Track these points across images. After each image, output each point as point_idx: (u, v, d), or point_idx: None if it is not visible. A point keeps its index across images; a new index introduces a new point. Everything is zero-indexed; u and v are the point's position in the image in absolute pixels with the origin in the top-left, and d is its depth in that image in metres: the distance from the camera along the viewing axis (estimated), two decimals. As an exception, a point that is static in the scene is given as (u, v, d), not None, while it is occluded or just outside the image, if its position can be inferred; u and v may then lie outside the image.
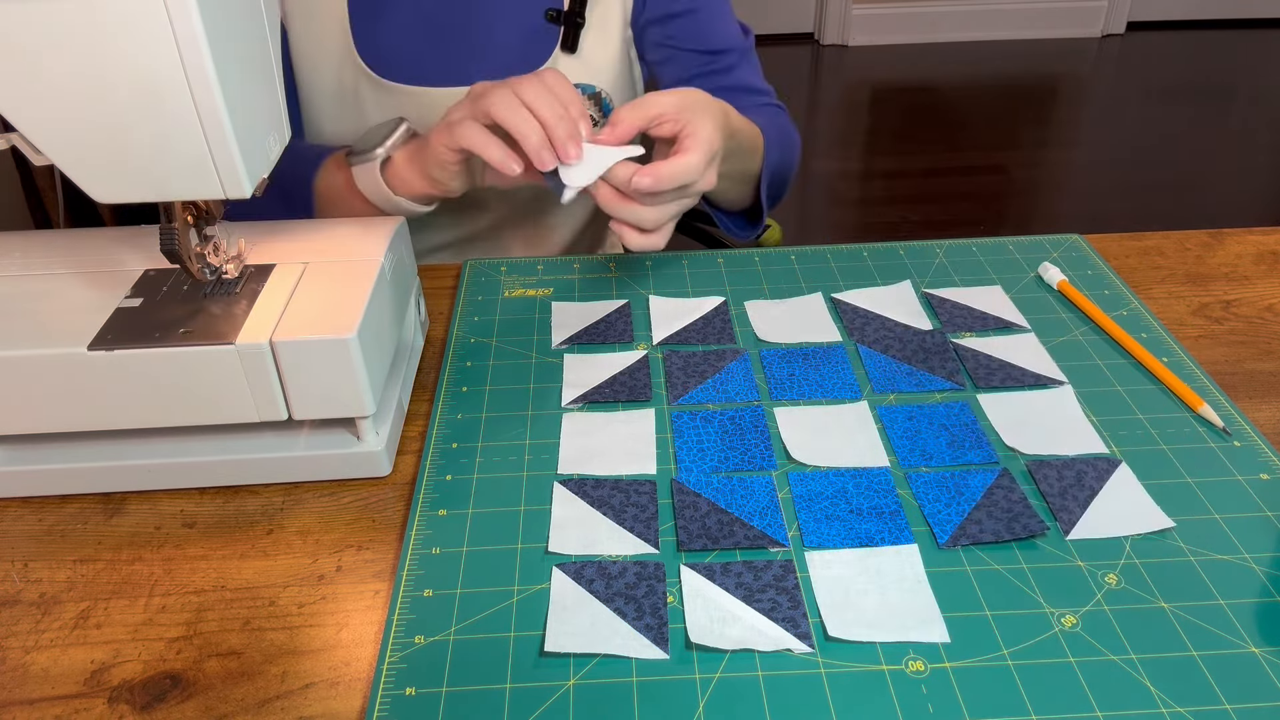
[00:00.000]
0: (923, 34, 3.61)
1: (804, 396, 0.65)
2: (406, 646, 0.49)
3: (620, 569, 0.53)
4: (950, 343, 0.70)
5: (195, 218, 0.58)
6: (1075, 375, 0.66)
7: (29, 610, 0.53)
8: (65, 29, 0.46)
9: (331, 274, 0.61)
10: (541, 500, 0.58)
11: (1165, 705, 0.45)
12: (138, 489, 0.60)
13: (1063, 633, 0.49)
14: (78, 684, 0.48)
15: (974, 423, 0.62)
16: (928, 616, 0.50)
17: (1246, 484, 0.57)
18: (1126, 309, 0.73)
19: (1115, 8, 3.60)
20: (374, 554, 0.55)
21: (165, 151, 0.50)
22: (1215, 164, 2.73)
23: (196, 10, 0.45)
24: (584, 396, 0.66)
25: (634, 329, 0.73)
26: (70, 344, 0.54)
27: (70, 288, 0.60)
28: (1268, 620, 0.49)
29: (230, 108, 0.49)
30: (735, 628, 0.49)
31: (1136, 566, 0.52)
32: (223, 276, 0.60)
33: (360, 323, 0.55)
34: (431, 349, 0.73)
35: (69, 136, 0.49)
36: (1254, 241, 0.83)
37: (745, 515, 0.56)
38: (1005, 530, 0.54)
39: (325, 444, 0.60)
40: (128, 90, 0.48)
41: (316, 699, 0.47)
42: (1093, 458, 0.59)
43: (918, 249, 0.82)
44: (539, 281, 0.79)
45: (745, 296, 0.76)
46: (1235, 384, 0.66)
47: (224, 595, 0.53)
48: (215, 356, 0.54)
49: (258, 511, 0.59)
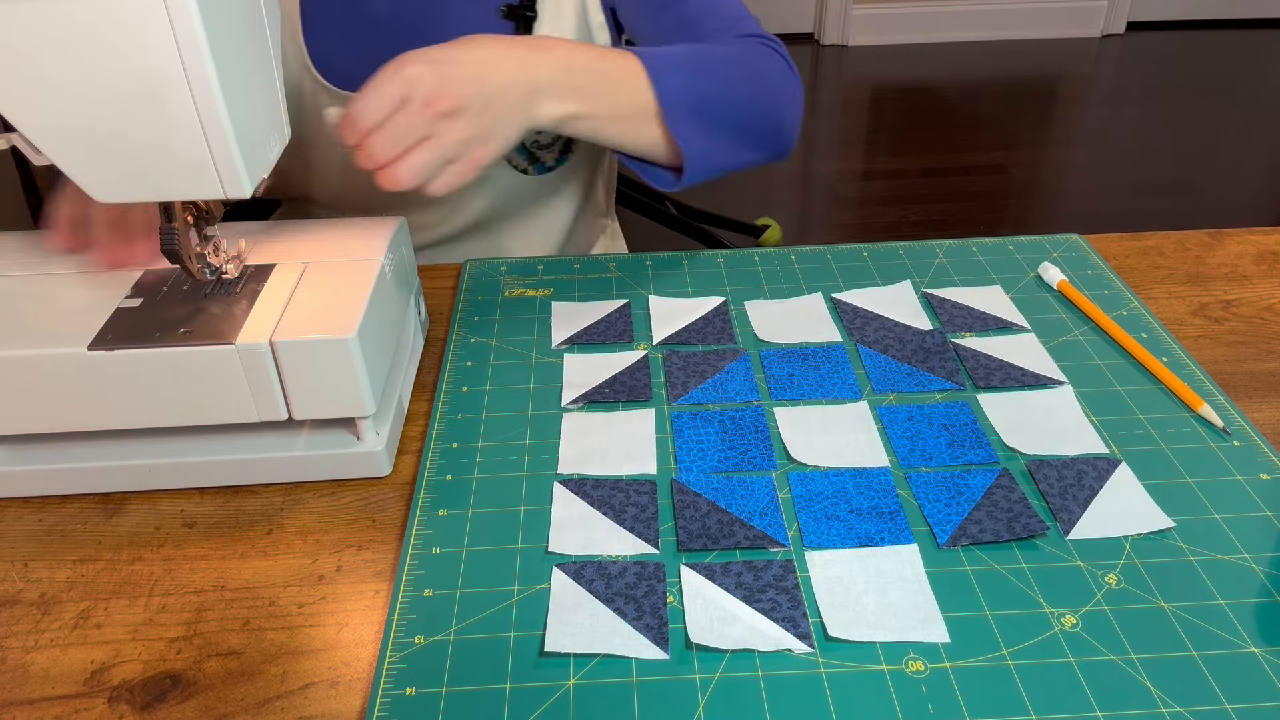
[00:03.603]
0: (923, 34, 3.61)
1: (804, 396, 0.65)
2: (406, 646, 0.49)
3: (620, 569, 0.53)
4: (950, 343, 0.70)
5: (195, 218, 0.58)
6: (1075, 375, 0.67)
7: (29, 610, 0.53)
8: (65, 29, 0.46)
9: (331, 274, 0.61)
10: (541, 500, 0.58)
11: (1165, 705, 0.45)
12: (138, 489, 0.60)
13: (1063, 633, 0.49)
14: (78, 684, 0.48)
15: (974, 423, 0.62)
16: (928, 616, 0.50)
17: (1246, 484, 0.57)
18: (1126, 309, 0.73)
19: (1115, 8, 3.60)
20: (374, 554, 0.55)
21: (165, 151, 0.50)
22: (1215, 164, 2.73)
23: (196, 10, 0.45)
24: (584, 396, 0.66)
25: (634, 329, 0.73)
26: (70, 344, 0.54)
27: (70, 288, 0.60)
28: (1268, 620, 0.49)
29: (230, 108, 0.49)
30: (735, 628, 0.49)
31: (1136, 566, 0.52)
32: (223, 276, 0.60)
33: (360, 323, 0.55)
34: (431, 349, 0.73)
35: (69, 136, 0.49)
36: (1254, 241, 0.83)
37: (745, 515, 0.56)
38: (1005, 530, 0.54)
39: (325, 444, 0.60)
40: (128, 90, 0.48)
41: (316, 699, 0.47)
42: (1093, 458, 0.59)
43: (918, 249, 0.82)
44: (539, 281, 0.79)
45: (745, 296, 0.76)
46: (1235, 384, 0.66)
47: (224, 595, 0.53)
48: (215, 356, 0.54)
49: (258, 511, 0.59)
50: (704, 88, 0.74)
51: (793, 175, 2.75)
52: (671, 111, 0.72)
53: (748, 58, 0.78)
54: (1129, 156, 2.78)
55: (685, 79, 0.73)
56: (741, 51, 0.79)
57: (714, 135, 0.75)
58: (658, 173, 0.77)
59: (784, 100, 0.80)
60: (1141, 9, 3.63)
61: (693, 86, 0.73)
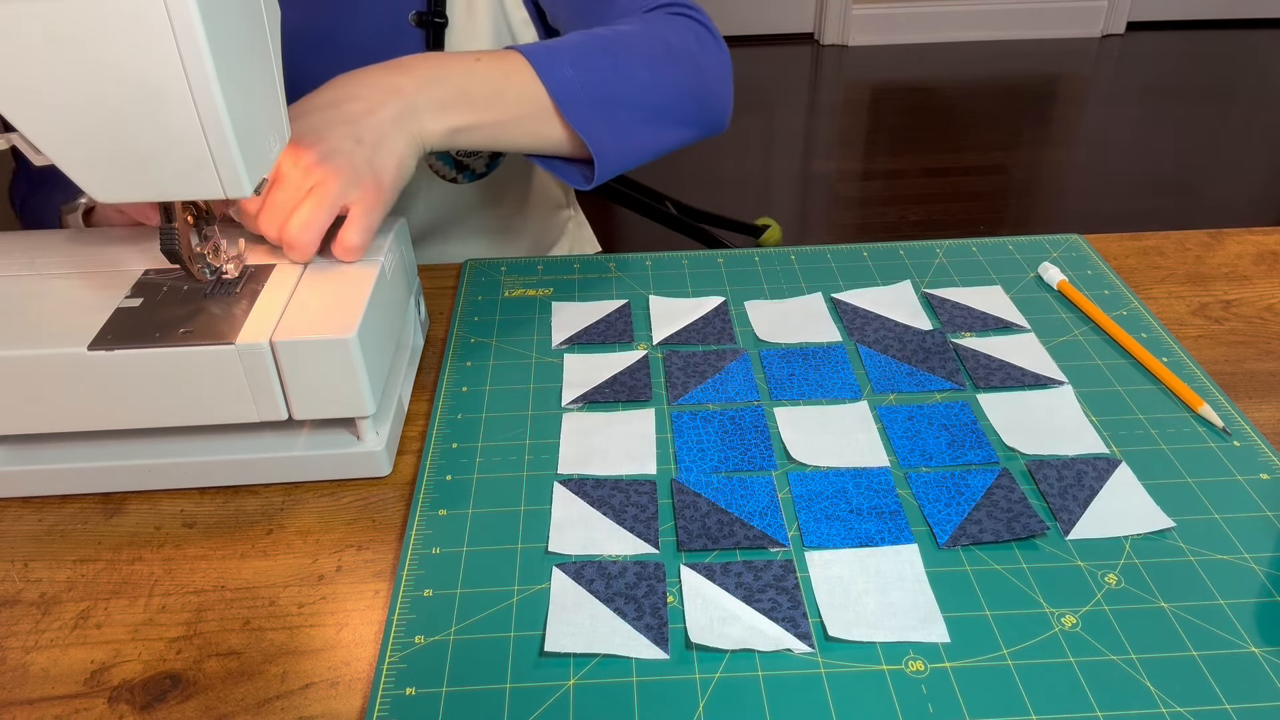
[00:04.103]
0: (923, 34, 3.61)
1: (804, 396, 0.65)
2: (406, 646, 0.49)
3: (620, 569, 0.53)
4: (950, 343, 0.70)
5: (195, 218, 0.58)
6: (1075, 375, 0.67)
7: (29, 610, 0.53)
8: (65, 29, 0.46)
9: (331, 274, 0.61)
10: (541, 500, 0.58)
11: (1165, 705, 0.45)
12: (138, 489, 0.60)
13: (1063, 633, 0.49)
14: (78, 684, 0.48)
15: (974, 423, 0.62)
16: (928, 616, 0.50)
17: (1246, 484, 0.57)
18: (1126, 309, 0.73)
19: (1115, 8, 3.60)
20: (374, 554, 0.55)
21: (165, 151, 0.50)
22: (1215, 164, 2.73)
23: (196, 11, 0.45)
24: (584, 396, 0.66)
25: (634, 329, 0.73)
26: (70, 344, 0.54)
27: (70, 288, 0.60)
28: (1268, 620, 0.49)
29: (230, 108, 0.49)
30: (735, 628, 0.49)
31: (1136, 566, 0.52)
32: (223, 276, 0.60)
33: (360, 323, 0.55)
34: (431, 349, 0.73)
35: (69, 136, 0.49)
36: (1254, 241, 0.83)
37: (745, 515, 0.56)
38: (1005, 530, 0.54)
39: (325, 444, 0.60)
40: (128, 90, 0.48)
41: (316, 699, 0.47)
42: (1093, 458, 0.59)
43: (918, 249, 0.82)
44: (539, 281, 0.79)
45: (745, 296, 0.76)
46: (1235, 384, 0.66)
47: (224, 595, 0.53)
48: (215, 356, 0.54)
49: (258, 511, 0.59)
50: (599, 74, 0.69)
51: (793, 175, 2.75)
52: (568, 104, 0.68)
53: (653, 33, 0.73)
54: (1129, 156, 2.78)
55: (575, 69, 0.68)
56: (644, 28, 0.73)
57: (623, 122, 0.70)
58: (572, 172, 0.72)
59: (701, 71, 0.75)
60: (1141, 9, 3.63)
61: (587, 75, 0.69)
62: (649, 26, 0.74)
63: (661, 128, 0.73)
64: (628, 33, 0.72)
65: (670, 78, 0.73)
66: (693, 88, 0.74)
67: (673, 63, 0.73)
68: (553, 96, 0.68)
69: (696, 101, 0.75)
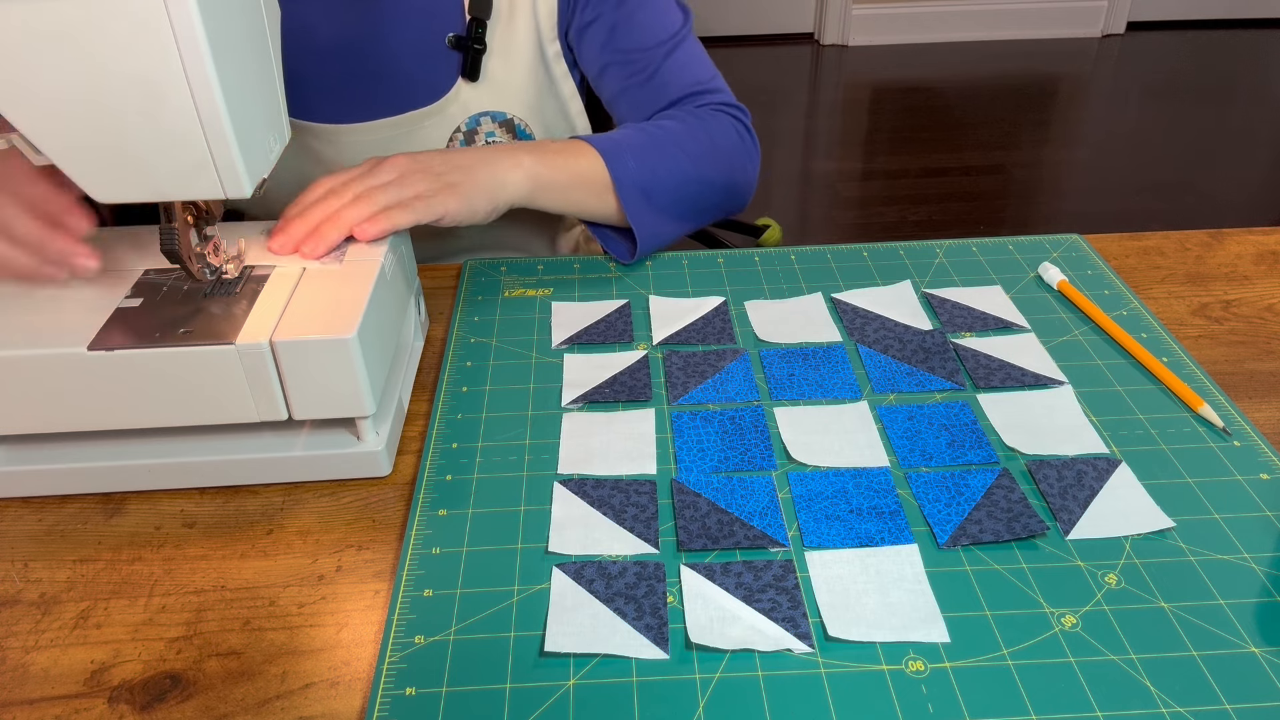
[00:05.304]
0: (923, 34, 3.61)
1: (804, 396, 0.65)
2: (406, 646, 0.49)
3: (620, 569, 0.53)
4: (950, 343, 0.70)
5: (195, 218, 0.58)
6: (1075, 375, 0.67)
7: (29, 610, 0.53)
8: (65, 29, 0.46)
9: (331, 274, 0.61)
10: (541, 500, 0.58)
11: (1165, 705, 0.45)
12: (138, 489, 0.60)
13: (1063, 633, 0.49)
14: (78, 684, 0.48)
15: (974, 423, 0.62)
16: (928, 616, 0.50)
17: (1246, 484, 0.57)
18: (1126, 309, 0.73)
19: (1115, 8, 3.60)
20: (374, 554, 0.55)
21: (165, 151, 0.50)
22: (1215, 164, 2.73)
23: (196, 10, 0.45)
24: (584, 396, 0.66)
25: (634, 329, 0.73)
26: (70, 344, 0.54)
27: (70, 288, 0.60)
28: (1268, 620, 0.49)
29: (230, 108, 0.49)
30: (735, 628, 0.49)
31: (1136, 566, 0.52)
32: (223, 276, 0.60)
33: (360, 323, 0.55)
34: (431, 349, 0.73)
35: (69, 136, 0.49)
36: (1254, 241, 0.83)
37: (745, 515, 0.56)
38: (1005, 530, 0.54)
39: (325, 444, 0.60)
40: (128, 90, 0.48)
41: (316, 699, 0.47)
42: (1093, 458, 0.59)
43: (918, 249, 0.82)
44: (539, 281, 0.79)
45: (745, 296, 0.76)
46: (1235, 384, 0.66)
47: (224, 595, 0.53)
48: (215, 356, 0.54)
49: (258, 511, 0.59)
50: (654, 170, 0.79)
51: (793, 175, 2.75)
52: (625, 192, 0.77)
53: (701, 131, 0.82)
54: (1129, 156, 2.78)
55: (636, 162, 0.78)
56: (694, 125, 0.82)
57: (665, 210, 0.80)
58: (618, 243, 0.82)
59: (736, 167, 0.85)
60: (1141, 9, 3.63)
61: (644, 169, 0.78)
62: (699, 123, 0.83)
63: (694, 217, 0.84)
64: (682, 130, 0.82)
65: (710, 174, 0.83)
66: (726, 181, 0.85)
67: (714, 160, 0.83)
68: (615, 184, 0.77)
69: (727, 196, 0.85)
